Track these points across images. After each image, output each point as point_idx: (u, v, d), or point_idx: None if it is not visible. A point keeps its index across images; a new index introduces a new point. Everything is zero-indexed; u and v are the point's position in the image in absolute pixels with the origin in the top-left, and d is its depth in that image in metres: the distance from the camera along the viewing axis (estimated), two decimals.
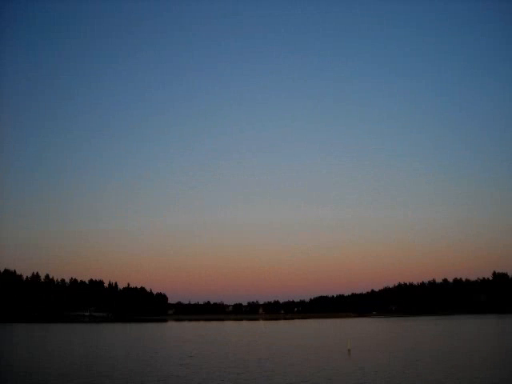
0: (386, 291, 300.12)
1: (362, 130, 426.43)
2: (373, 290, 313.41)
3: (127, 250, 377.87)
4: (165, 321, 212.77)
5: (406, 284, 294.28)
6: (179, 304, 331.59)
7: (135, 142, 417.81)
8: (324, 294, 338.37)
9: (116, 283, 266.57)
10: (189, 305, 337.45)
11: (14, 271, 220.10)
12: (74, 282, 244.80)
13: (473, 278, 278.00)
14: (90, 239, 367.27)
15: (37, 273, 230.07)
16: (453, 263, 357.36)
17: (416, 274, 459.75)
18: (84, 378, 30.61)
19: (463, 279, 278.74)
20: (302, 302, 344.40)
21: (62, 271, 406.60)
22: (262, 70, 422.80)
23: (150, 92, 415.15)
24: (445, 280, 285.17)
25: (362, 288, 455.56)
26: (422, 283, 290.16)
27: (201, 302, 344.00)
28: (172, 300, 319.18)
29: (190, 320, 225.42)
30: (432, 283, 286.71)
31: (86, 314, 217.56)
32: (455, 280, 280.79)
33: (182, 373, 32.41)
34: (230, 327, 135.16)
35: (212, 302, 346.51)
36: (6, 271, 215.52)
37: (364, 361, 37.98)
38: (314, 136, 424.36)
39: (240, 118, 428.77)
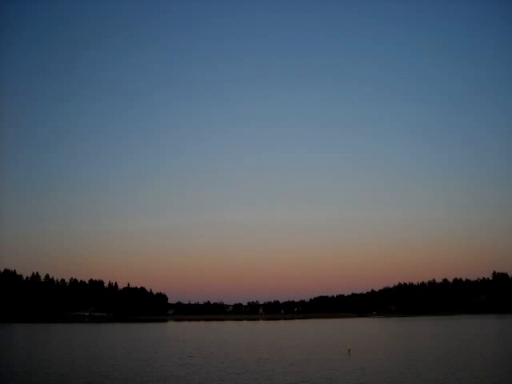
0: (386, 291, 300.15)
1: (362, 130, 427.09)
2: (373, 290, 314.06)
3: (127, 250, 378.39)
4: (165, 321, 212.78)
5: (406, 284, 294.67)
6: (179, 304, 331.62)
7: (135, 142, 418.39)
8: (324, 294, 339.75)
9: (116, 283, 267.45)
10: (189, 305, 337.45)
11: (14, 271, 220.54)
12: (74, 282, 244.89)
13: (473, 278, 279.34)
14: (90, 239, 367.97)
15: (37, 273, 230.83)
16: (453, 263, 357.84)
17: (416, 274, 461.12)
18: (84, 377, 30.60)
19: (463, 279, 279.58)
20: (301, 302, 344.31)
21: (61, 271, 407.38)
22: (262, 69, 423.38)
23: (150, 92, 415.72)
24: (445, 280, 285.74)
25: (362, 288, 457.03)
26: (422, 283, 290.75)
27: (201, 302, 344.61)
28: (172, 300, 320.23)
29: (190, 320, 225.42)
30: (432, 283, 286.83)
31: (86, 314, 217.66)
32: (455, 280, 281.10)
33: (182, 373, 32.40)
34: (230, 327, 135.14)
35: (212, 302, 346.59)
36: (6, 271, 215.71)
37: (364, 361, 37.96)
38: (314, 136, 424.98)
39: (240, 118, 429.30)
